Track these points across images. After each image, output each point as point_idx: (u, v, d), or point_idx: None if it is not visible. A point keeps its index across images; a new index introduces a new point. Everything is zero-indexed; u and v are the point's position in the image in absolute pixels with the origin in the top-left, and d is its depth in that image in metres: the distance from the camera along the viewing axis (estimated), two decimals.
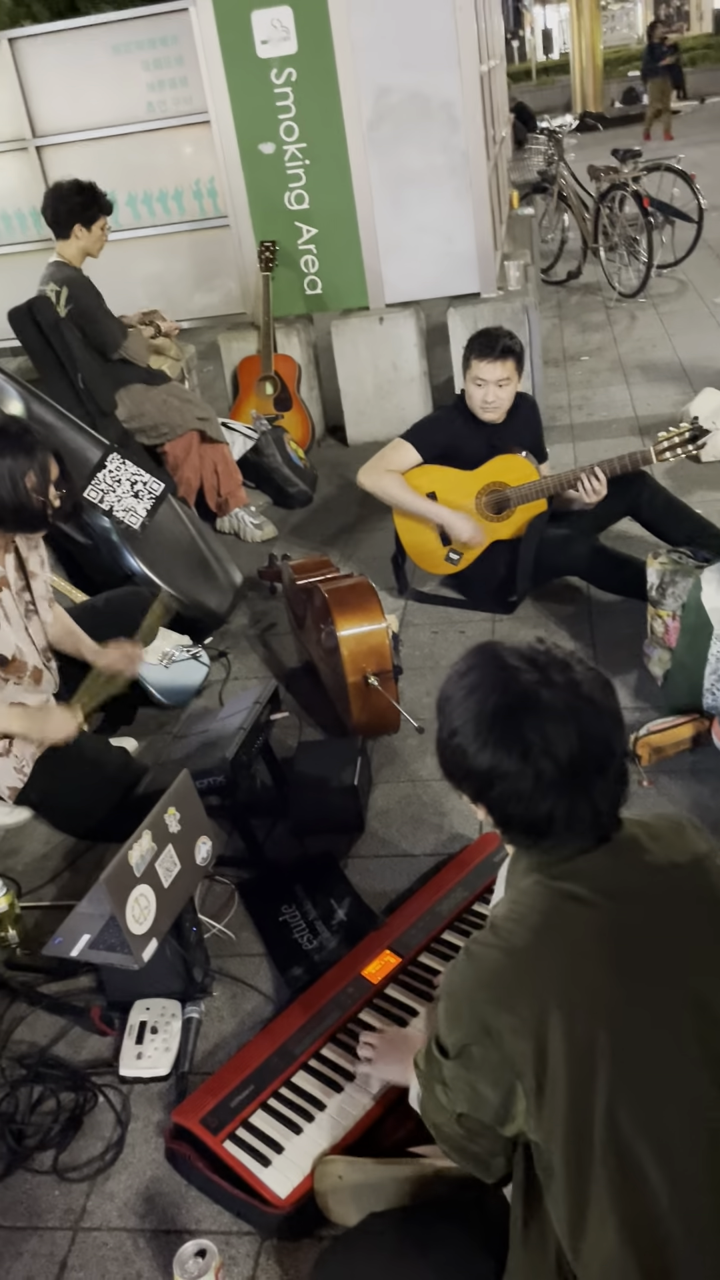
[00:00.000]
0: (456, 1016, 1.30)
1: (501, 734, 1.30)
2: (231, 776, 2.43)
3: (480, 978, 1.28)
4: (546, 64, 29.32)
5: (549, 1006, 1.22)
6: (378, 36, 4.63)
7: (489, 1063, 1.26)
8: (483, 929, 1.34)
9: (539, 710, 1.29)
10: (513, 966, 1.26)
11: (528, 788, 1.28)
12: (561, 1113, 1.21)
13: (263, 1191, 1.73)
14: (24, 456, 2.49)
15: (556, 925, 1.28)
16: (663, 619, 2.94)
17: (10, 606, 2.67)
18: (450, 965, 1.36)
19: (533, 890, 1.32)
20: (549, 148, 8.23)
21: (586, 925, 1.27)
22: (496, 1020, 1.24)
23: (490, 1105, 1.28)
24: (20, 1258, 1.78)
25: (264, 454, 4.70)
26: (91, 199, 4.08)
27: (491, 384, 3.35)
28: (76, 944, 2.13)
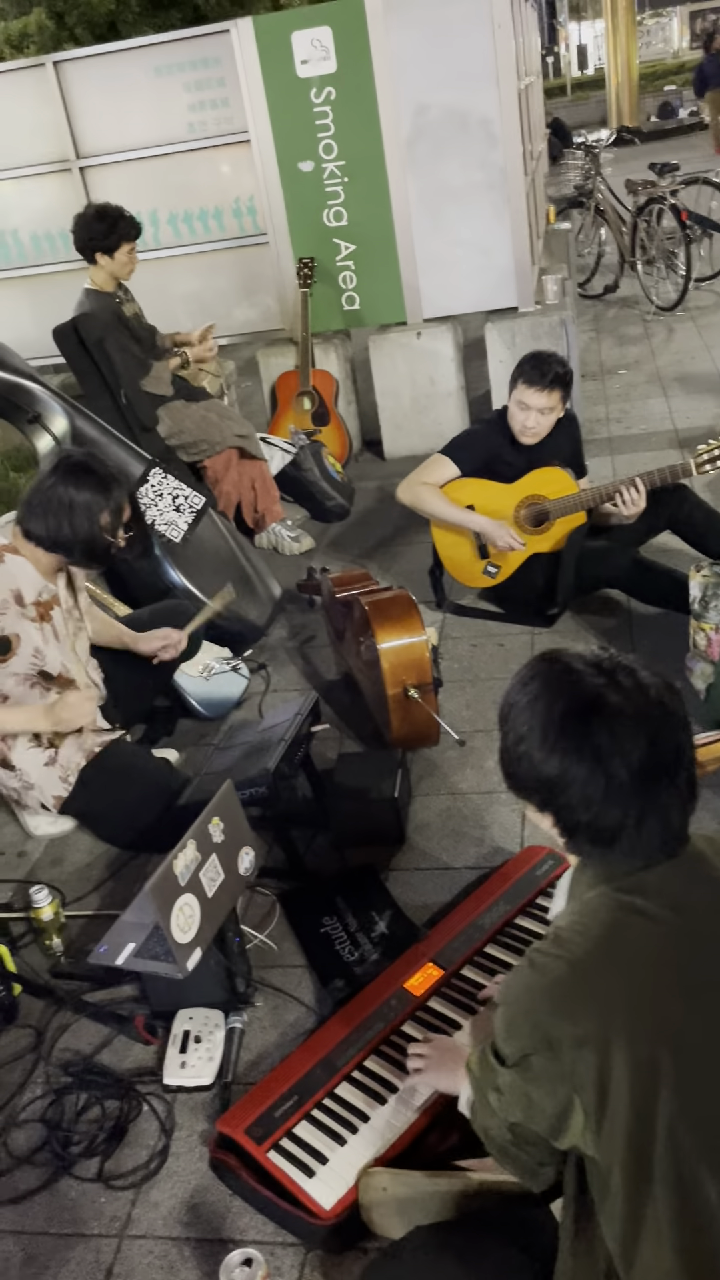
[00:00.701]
0: (516, 1025, 1.28)
1: (570, 739, 1.28)
2: (273, 787, 2.44)
3: (543, 987, 1.26)
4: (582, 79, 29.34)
5: (612, 1021, 1.20)
6: (416, 54, 4.67)
7: (548, 1074, 1.24)
8: (545, 938, 1.32)
9: (608, 714, 1.26)
10: (576, 978, 1.24)
11: (598, 793, 1.26)
12: (623, 1132, 1.19)
13: (307, 1202, 1.73)
14: (102, 495, 2.55)
15: (621, 938, 1.26)
16: (705, 632, 2.93)
17: (60, 625, 2.72)
18: (511, 973, 1.33)
19: (597, 902, 1.30)
20: (585, 162, 8.24)
21: (652, 940, 1.25)
22: (558, 1031, 1.22)
23: (546, 1117, 1.26)
24: (67, 1264, 1.79)
25: (302, 468, 4.73)
26: (111, 227, 4.09)
27: (534, 411, 3.35)
28: (121, 953, 2.14)
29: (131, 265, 4.22)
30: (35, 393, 3.72)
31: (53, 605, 2.68)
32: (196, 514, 3.61)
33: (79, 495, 2.53)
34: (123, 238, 4.13)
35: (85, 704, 2.61)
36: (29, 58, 5.81)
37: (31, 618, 2.63)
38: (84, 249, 4.16)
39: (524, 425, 3.39)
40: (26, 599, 2.61)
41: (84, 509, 2.54)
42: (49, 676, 2.69)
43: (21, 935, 2.54)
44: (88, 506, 2.54)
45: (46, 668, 2.67)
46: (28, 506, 2.58)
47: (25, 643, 2.62)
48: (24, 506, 2.60)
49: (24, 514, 2.59)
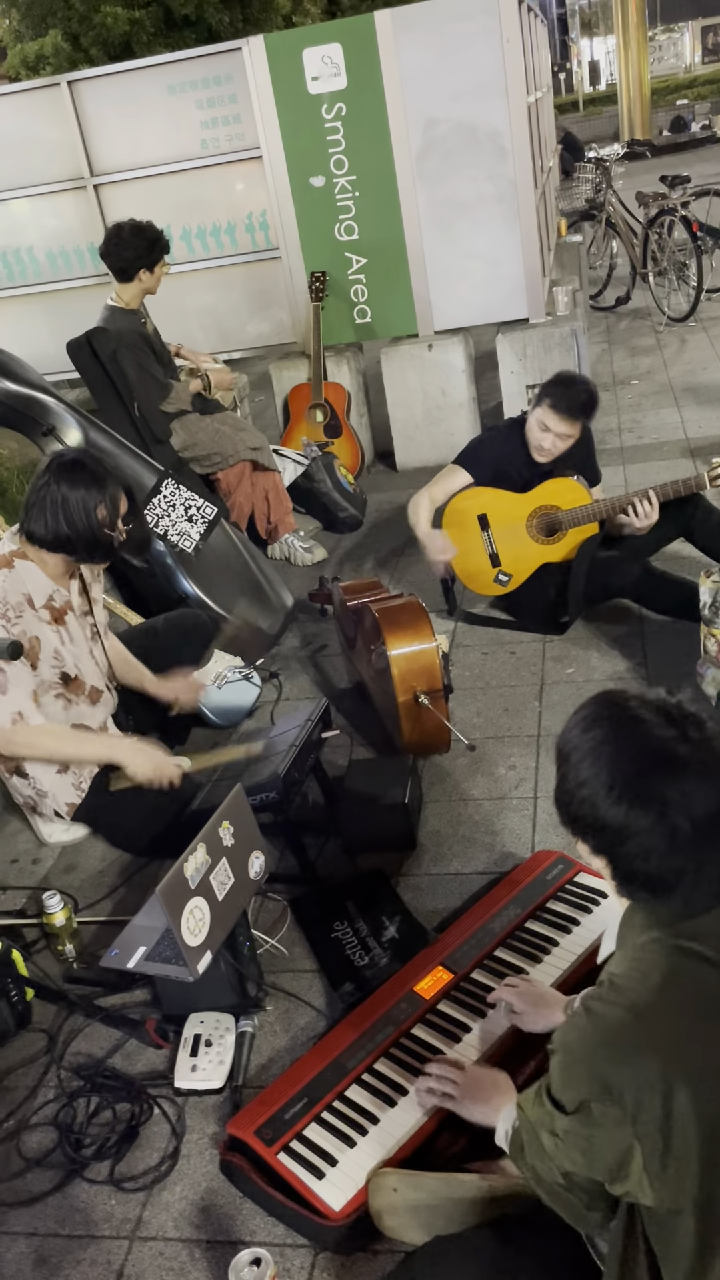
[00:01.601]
0: (575, 1074, 1.27)
1: (638, 791, 1.25)
2: (284, 792, 2.45)
3: (602, 1035, 1.25)
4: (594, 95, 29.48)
5: (674, 1065, 1.19)
6: (426, 69, 4.72)
7: (609, 1119, 1.22)
8: (600, 985, 1.31)
9: (676, 768, 1.24)
10: (635, 1024, 1.23)
11: (661, 846, 1.24)
12: (693, 1178, 1.18)
13: (317, 1204, 1.73)
14: (96, 489, 2.57)
15: (680, 984, 1.25)
16: (716, 638, 2.93)
17: (75, 629, 2.74)
18: (567, 1022, 1.32)
19: (652, 948, 1.29)
20: (597, 175, 8.28)
21: (709, 985, 1.24)
22: (618, 1077, 1.21)
23: (604, 1162, 1.25)
24: (79, 1265, 1.80)
25: (314, 480, 4.76)
26: (154, 241, 4.14)
27: (553, 435, 3.37)
28: (133, 956, 2.16)
29: (161, 279, 4.26)
30: (49, 405, 3.77)
31: (66, 610, 2.71)
32: (209, 524, 3.64)
33: (73, 492, 2.55)
34: (163, 252, 4.18)
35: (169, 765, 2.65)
36: (44, 78, 5.89)
37: (46, 621, 2.66)
38: (126, 266, 4.15)
39: (540, 445, 3.41)
40: (37, 603, 2.64)
41: (79, 505, 2.56)
42: (68, 681, 2.72)
43: (35, 941, 2.56)
44: (83, 502, 2.56)
45: (66, 669, 2.70)
46: (27, 509, 2.61)
47: (44, 646, 2.65)
48: (24, 510, 2.63)
49: (26, 518, 2.62)
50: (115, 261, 4.18)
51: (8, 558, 2.61)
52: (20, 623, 2.59)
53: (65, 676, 2.71)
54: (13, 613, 2.58)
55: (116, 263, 4.18)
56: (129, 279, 4.20)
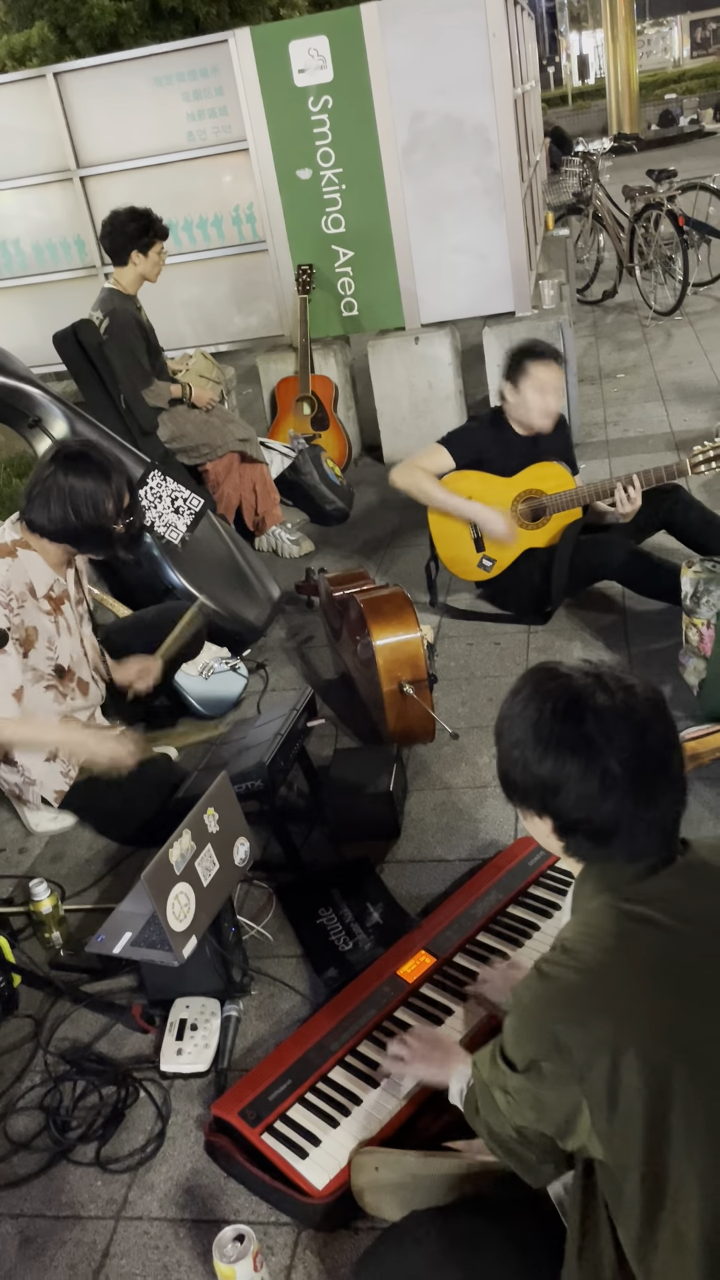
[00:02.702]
0: (526, 1032, 1.30)
1: (562, 736, 1.31)
2: (269, 781, 2.47)
3: (552, 995, 1.28)
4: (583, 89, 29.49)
5: (623, 1027, 1.22)
6: (412, 62, 4.73)
7: (559, 1077, 1.25)
8: (552, 949, 1.34)
9: (597, 709, 1.30)
10: (586, 985, 1.26)
11: (593, 788, 1.29)
12: (637, 1139, 1.20)
13: (300, 1183, 1.76)
14: (104, 482, 2.59)
15: (628, 947, 1.28)
16: (697, 627, 2.96)
17: (71, 619, 2.76)
18: (520, 983, 1.35)
19: (602, 911, 1.32)
20: (584, 169, 8.29)
21: (659, 948, 1.27)
22: (568, 1036, 1.24)
23: (554, 1119, 1.28)
24: (64, 1246, 1.82)
25: (302, 472, 4.77)
26: (147, 225, 4.17)
27: (552, 389, 3.41)
28: (119, 941, 2.17)
29: (160, 266, 4.26)
30: (35, 397, 3.77)
31: (63, 600, 2.73)
32: (195, 516, 3.65)
33: (81, 483, 2.57)
34: (156, 235, 4.18)
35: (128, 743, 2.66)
36: (30, 69, 5.88)
37: (46, 610, 2.67)
38: (117, 250, 4.21)
39: (545, 409, 3.45)
40: (39, 592, 2.65)
41: (88, 497, 2.57)
42: (61, 672, 2.74)
43: (22, 929, 2.57)
44: (92, 494, 2.57)
45: (60, 660, 2.71)
46: (30, 499, 2.62)
47: (41, 635, 2.66)
48: (27, 500, 2.63)
49: (28, 507, 2.63)
50: (109, 244, 4.22)
51: (10, 547, 2.62)
52: (21, 612, 2.61)
53: (59, 669, 2.72)
54: (15, 602, 2.59)
55: (110, 245, 4.22)
56: (123, 262, 4.22)
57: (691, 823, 2.54)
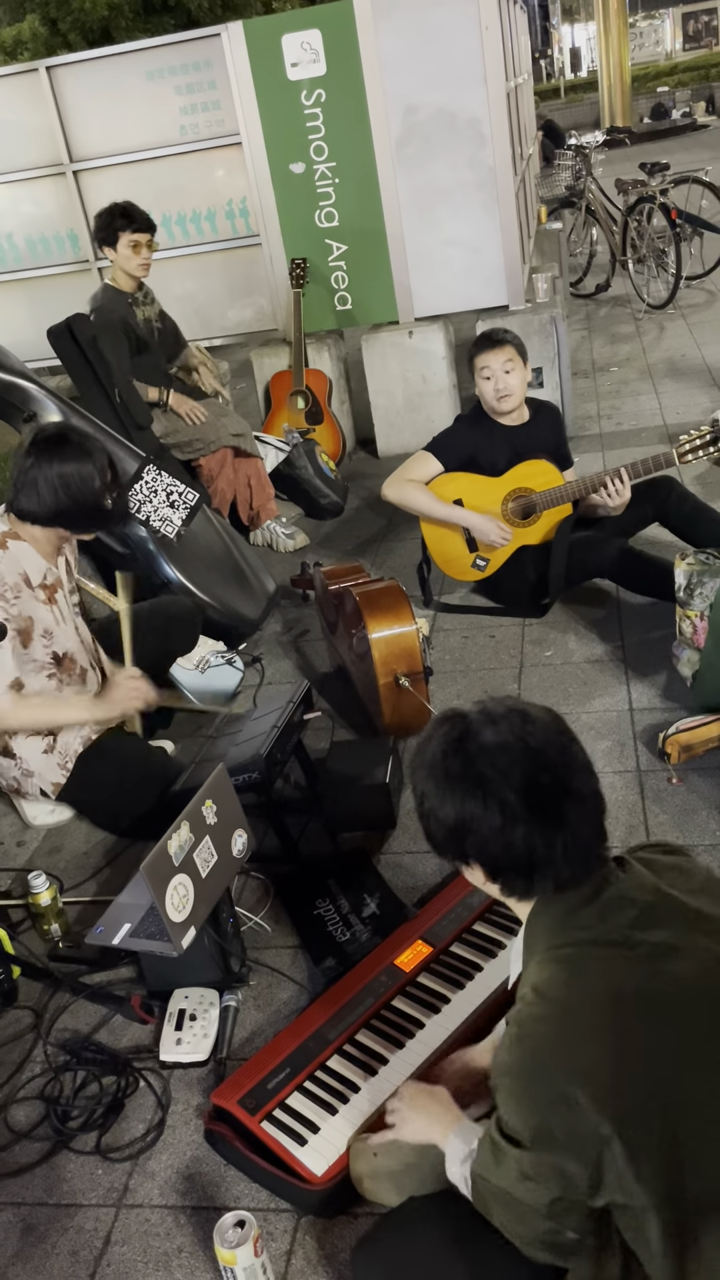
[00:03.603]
0: (525, 1096, 1.26)
1: (456, 779, 1.32)
2: (266, 772, 2.49)
3: (540, 1051, 1.26)
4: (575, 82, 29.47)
5: (615, 1062, 1.21)
6: (405, 56, 4.73)
7: (574, 1134, 1.21)
8: (520, 1004, 1.32)
9: (482, 745, 1.32)
10: (570, 1030, 1.25)
11: (498, 824, 1.30)
12: (657, 1172, 1.19)
13: (299, 1170, 1.77)
14: (89, 461, 2.61)
15: (593, 974, 1.28)
16: (691, 619, 2.98)
17: (64, 607, 2.77)
18: (500, 1049, 1.32)
19: (561, 945, 1.32)
20: (576, 163, 8.31)
21: (628, 972, 1.27)
22: (572, 1087, 1.21)
23: (581, 1180, 1.23)
24: (66, 1233, 1.84)
25: (296, 466, 4.78)
26: (110, 219, 4.15)
27: (498, 370, 3.42)
28: (118, 933, 2.19)
29: (138, 260, 4.22)
30: (30, 392, 3.78)
31: (56, 588, 2.74)
32: (191, 510, 3.65)
33: (66, 466, 2.59)
34: (118, 230, 4.15)
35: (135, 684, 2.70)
36: (22, 63, 5.87)
37: (41, 600, 2.69)
38: (98, 244, 4.25)
39: (496, 390, 3.45)
40: (34, 581, 2.67)
41: (76, 478, 2.59)
42: (59, 660, 2.75)
43: (21, 921, 2.58)
44: (79, 475, 2.59)
45: (57, 648, 2.72)
46: (17, 489, 2.63)
47: (38, 625, 2.68)
48: (14, 489, 2.64)
49: (15, 497, 2.64)
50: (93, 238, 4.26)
51: (1, 539, 2.63)
52: (18, 603, 2.62)
53: (57, 657, 2.73)
54: (10, 593, 2.61)
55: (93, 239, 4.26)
56: (103, 256, 4.25)
57: (685, 813, 2.56)
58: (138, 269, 4.25)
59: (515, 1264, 1.41)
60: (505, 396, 3.46)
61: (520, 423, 3.57)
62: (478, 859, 1.36)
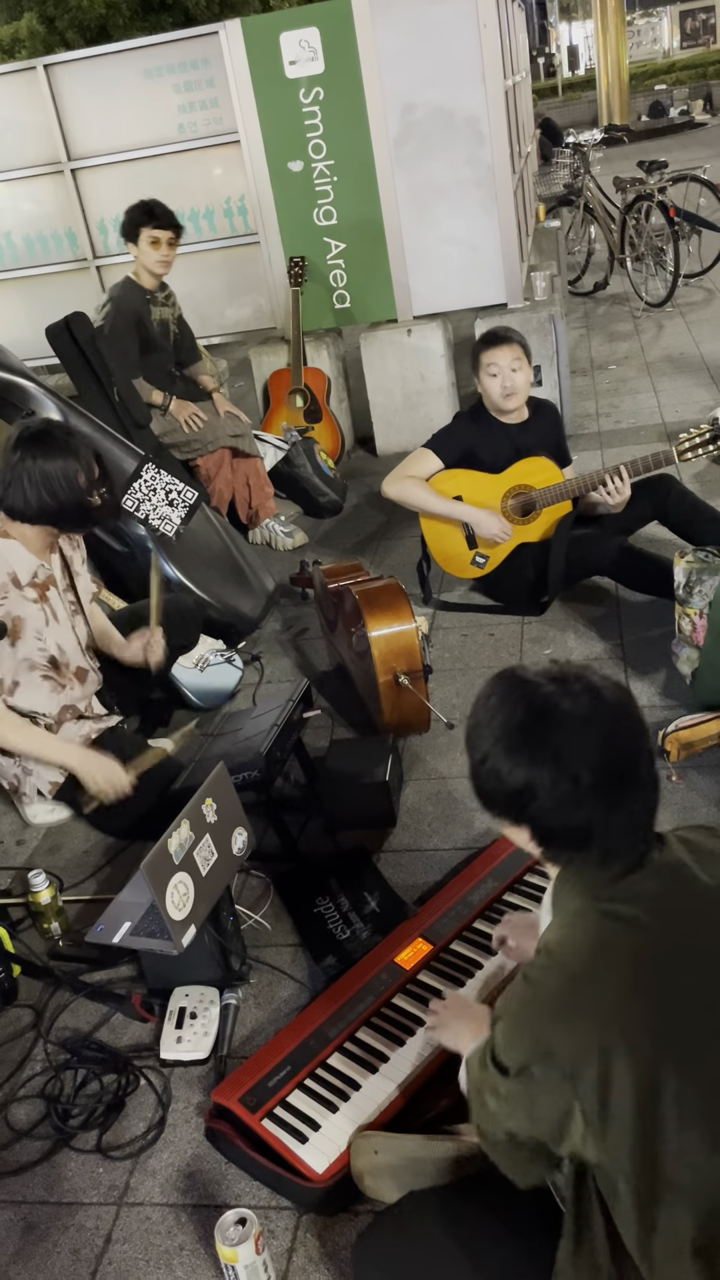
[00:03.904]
0: (516, 1037, 1.31)
1: (530, 747, 1.32)
2: (266, 771, 2.49)
3: (540, 1000, 1.29)
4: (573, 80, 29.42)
5: (610, 1030, 1.23)
6: (403, 54, 4.73)
7: (550, 1082, 1.26)
8: (537, 954, 1.35)
9: (562, 718, 1.31)
10: (572, 989, 1.27)
11: (564, 797, 1.30)
12: (629, 1140, 1.22)
13: (300, 1167, 1.77)
14: (72, 458, 2.60)
15: (612, 948, 1.28)
16: (690, 617, 2.98)
17: (58, 605, 2.77)
18: (508, 990, 1.36)
19: (584, 914, 1.33)
20: (574, 161, 8.30)
21: (641, 948, 1.28)
22: (557, 1041, 1.25)
23: (547, 1124, 1.28)
24: (67, 1231, 1.84)
25: (295, 465, 4.78)
26: (134, 214, 4.18)
27: (505, 369, 3.43)
28: (118, 931, 2.19)
29: (156, 255, 4.21)
30: (29, 390, 3.77)
31: (49, 585, 2.74)
32: (190, 508, 3.65)
33: (51, 464, 2.58)
34: (139, 225, 4.17)
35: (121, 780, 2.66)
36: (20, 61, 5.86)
37: (32, 599, 2.68)
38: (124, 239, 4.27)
39: (503, 388, 3.45)
40: (23, 580, 2.66)
41: (61, 475, 2.58)
42: (55, 663, 2.74)
43: (21, 920, 2.58)
44: (64, 472, 2.58)
45: (51, 650, 2.72)
46: (4, 486, 2.62)
47: (28, 625, 2.67)
48: (1, 487, 2.64)
49: (2, 495, 2.63)
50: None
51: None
52: (5, 603, 2.61)
53: (53, 660, 2.73)
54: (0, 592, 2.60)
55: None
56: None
57: (686, 810, 2.56)
58: (156, 265, 4.25)
59: (516, 1257, 1.42)
60: (511, 395, 3.46)
61: (520, 420, 3.57)
62: (531, 824, 1.36)
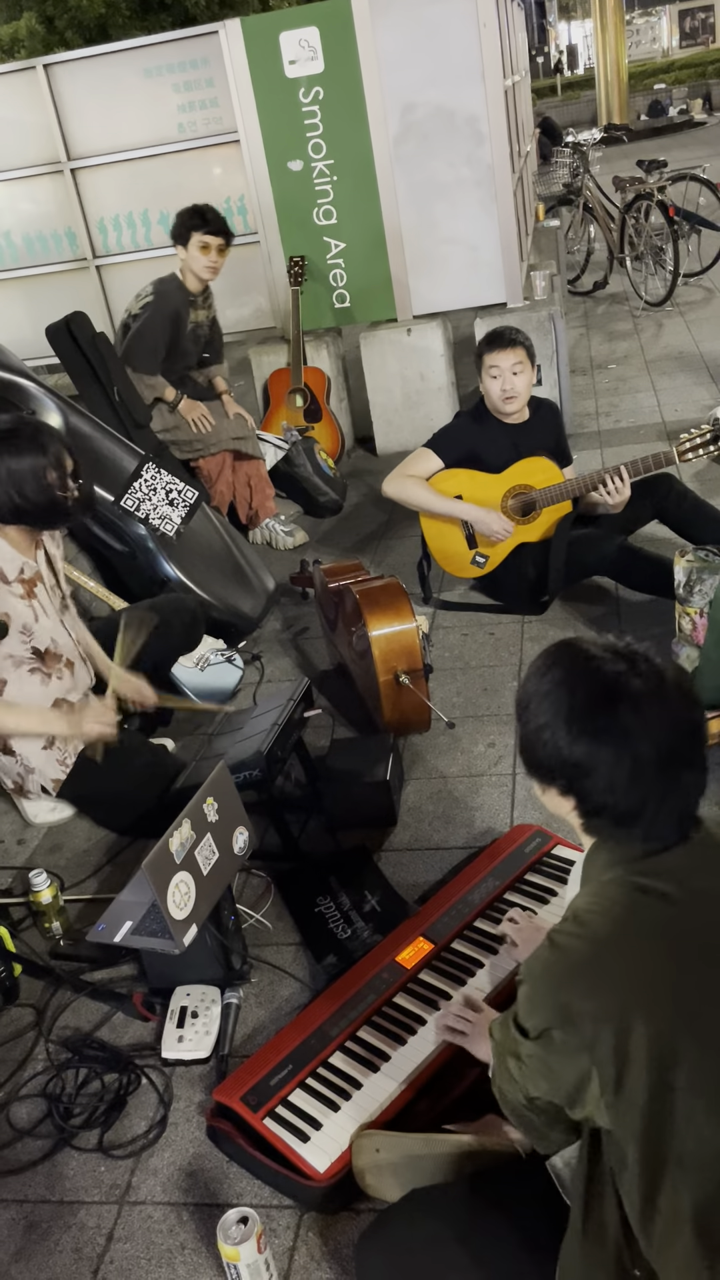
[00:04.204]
0: (538, 1000, 1.31)
1: (595, 723, 1.31)
2: (266, 770, 2.49)
3: (564, 965, 1.30)
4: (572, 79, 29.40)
5: (631, 999, 1.24)
6: (403, 53, 4.73)
7: (568, 1046, 1.27)
8: (564, 919, 1.35)
9: (630, 698, 1.30)
10: (596, 956, 1.28)
11: (624, 776, 1.29)
12: (639, 1108, 1.22)
13: (302, 1166, 1.78)
14: (40, 454, 2.56)
15: (640, 919, 1.29)
16: (690, 616, 2.98)
17: (45, 600, 2.76)
18: (534, 954, 1.36)
19: (615, 884, 1.33)
20: (574, 160, 8.31)
21: (669, 922, 1.29)
22: (578, 1006, 1.26)
23: (563, 1088, 1.30)
24: (69, 1230, 1.84)
25: (295, 464, 4.78)
26: (186, 217, 4.19)
27: (506, 371, 3.42)
28: (119, 930, 2.19)
29: (205, 261, 4.21)
30: (29, 390, 3.77)
31: (36, 582, 2.73)
32: (190, 508, 3.65)
33: (18, 462, 2.54)
34: (190, 229, 4.17)
35: (106, 714, 2.67)
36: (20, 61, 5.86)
37: (19, 594, 2.68)
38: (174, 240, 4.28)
39: (503, 390, 3.45)
40: (9, 576, 2.66)
41: (29, 474, 2.55)
42: (41, 655, 2.73)
43: (21, 919, 2.58)
44: (32, 470, 2.55)
45: (37, 644, 2.71)
46: None
47: (15, 621, 2.67)
48: None
49: None
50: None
51: None
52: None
53: (37, 651, 2.72)
54: None
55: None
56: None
57: None
58: (204, 270, 4.25)
59: (518, 1255, 1.42)
60: (511, 398, 3.47)
61: (520, 421, 3.57)
62: (580, 798, 1.35)
